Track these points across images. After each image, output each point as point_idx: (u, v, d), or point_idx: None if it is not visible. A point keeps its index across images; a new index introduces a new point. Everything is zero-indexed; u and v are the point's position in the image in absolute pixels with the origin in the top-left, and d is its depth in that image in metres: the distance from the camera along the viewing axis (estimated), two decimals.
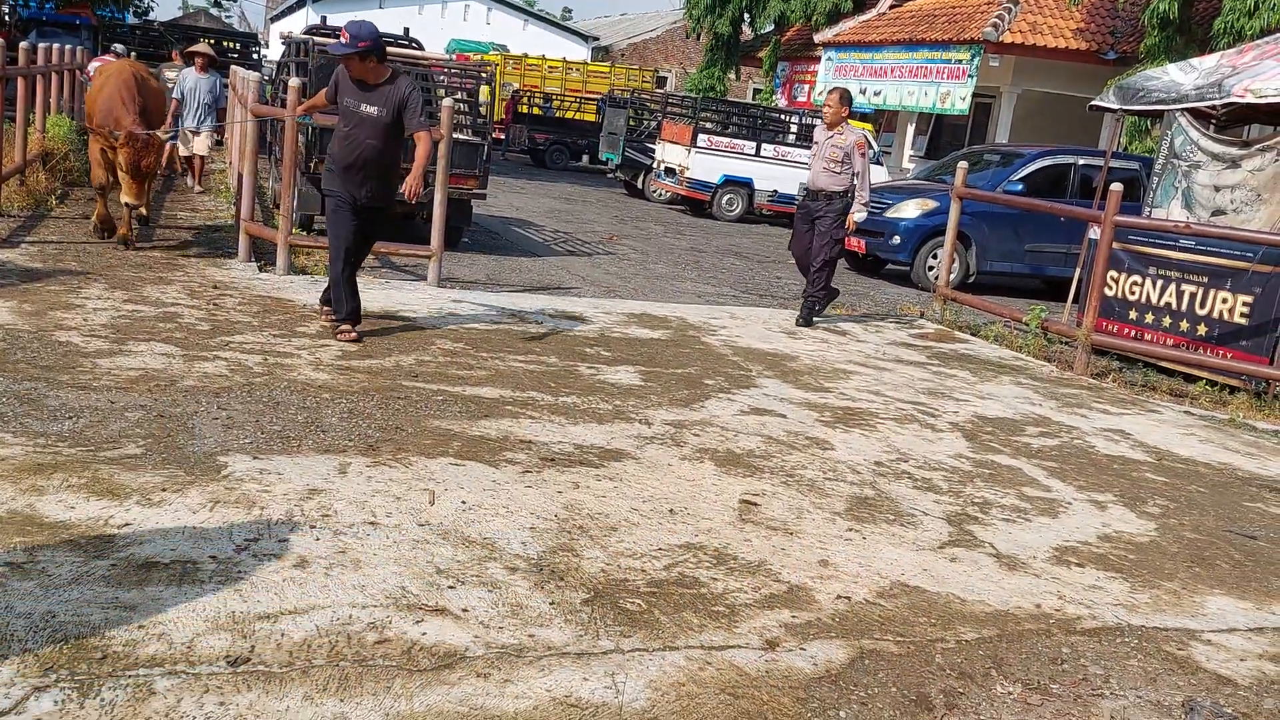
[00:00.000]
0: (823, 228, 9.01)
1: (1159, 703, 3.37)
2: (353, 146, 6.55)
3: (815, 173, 9.11)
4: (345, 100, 6.55)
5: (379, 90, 6.52)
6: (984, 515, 4.88)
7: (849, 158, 8.89)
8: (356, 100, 6.51)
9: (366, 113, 6.50)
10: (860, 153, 8.90)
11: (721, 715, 2.96)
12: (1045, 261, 13.37)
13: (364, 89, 6.52)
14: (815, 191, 9.08)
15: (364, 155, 6.54)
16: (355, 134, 6.54)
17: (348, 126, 6.57)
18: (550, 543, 3.95)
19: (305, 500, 4.02)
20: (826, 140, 9.02)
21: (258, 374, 5.57)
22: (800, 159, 18.64)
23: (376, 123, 6.52)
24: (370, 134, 6.51)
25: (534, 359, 6.66)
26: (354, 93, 6.53)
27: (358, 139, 6.53)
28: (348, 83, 6.56)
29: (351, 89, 6.54)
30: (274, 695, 2.77)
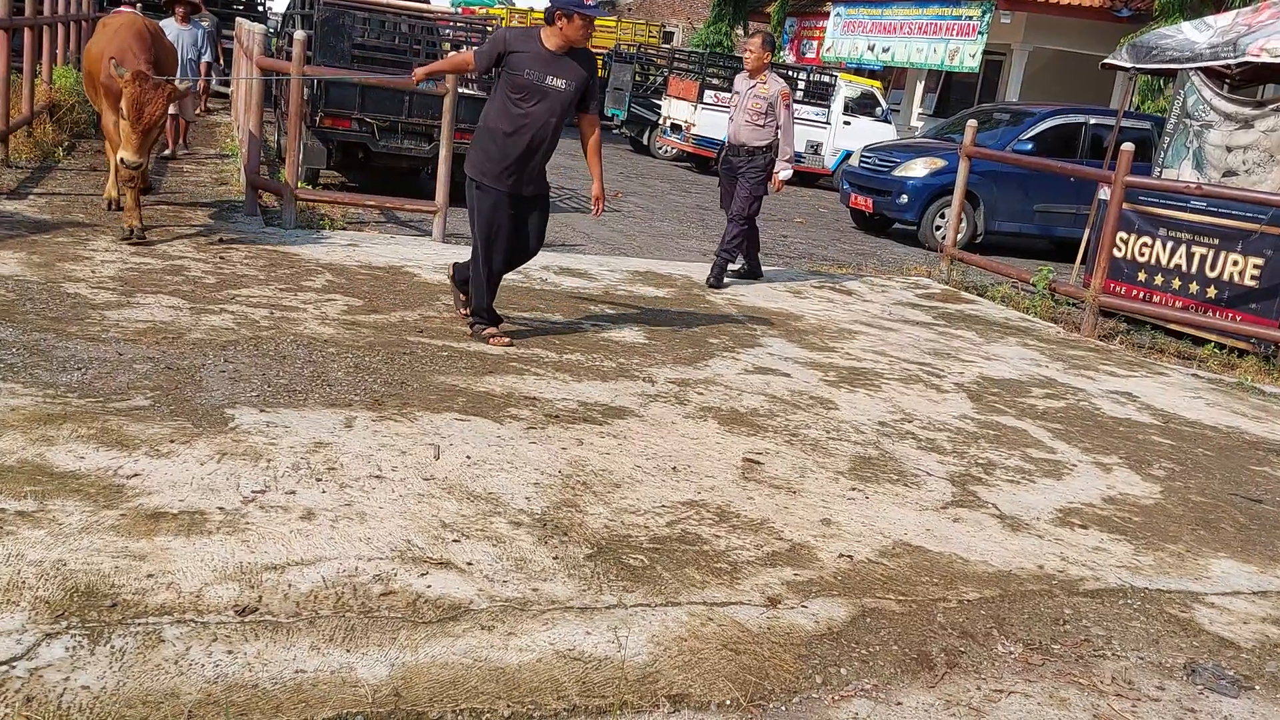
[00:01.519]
0: (743, 184, 8.40)
1: (1161, 664, 3.40)
2: (529, 126, 5.67)
3: (736, 125, 8.47)
4: (526, 72, 5.60)
5: (566, 61, 5.68)
6: (988, 476, 4.89)
7: (772, 109, 8.29)
8: (541, 71, 5.61)
9: (552, 86, 5.64)
10: (785, 104, 8.30)
11: (723, 670, 2.99)
12: (1054, 222, 13.29)
13: (553, 58, 5.64)
14: (736, 146, 8.47)
15: (540, 137, 5.72)
16: (535, 111, 5.65)
17: (526, 103, 5.65)
18: (554, 498, 3.97)
19: (311, 453, 4.04)
20: (748, 90, 8.39)
21: (264, 327, 5.58)
22: (808, 117, 18.53)
23: (561, 99, 5.68)
24: (552, 112, 5.68)
25: (538, 316, 6.65)
26: (540, 62, 5.62)
27: (537, 117, 5.66)
28: (533, 50, 5.64)
29: (537, 58, 5.62)
30: (281, 645, 2.80)
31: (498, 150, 5.69)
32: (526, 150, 5.70)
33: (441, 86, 8.39)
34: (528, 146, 5.70)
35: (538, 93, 5.63)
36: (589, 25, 5.64)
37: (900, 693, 3.03)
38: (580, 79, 5.71)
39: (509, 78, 5.66)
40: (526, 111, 5.65)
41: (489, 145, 5.73)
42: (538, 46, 5.62)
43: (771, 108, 8.25)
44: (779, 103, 8.25)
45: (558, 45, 5.63)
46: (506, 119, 5.68)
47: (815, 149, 18.63)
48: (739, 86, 8.54)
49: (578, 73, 5.70)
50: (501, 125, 5.69)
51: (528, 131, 5.67)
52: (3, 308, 5.27)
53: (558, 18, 5.58)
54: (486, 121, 5.79)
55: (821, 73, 20.09)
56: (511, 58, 5.63)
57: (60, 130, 11.15)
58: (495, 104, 5.77)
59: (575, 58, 5.70)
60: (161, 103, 6.73)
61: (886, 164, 13.64)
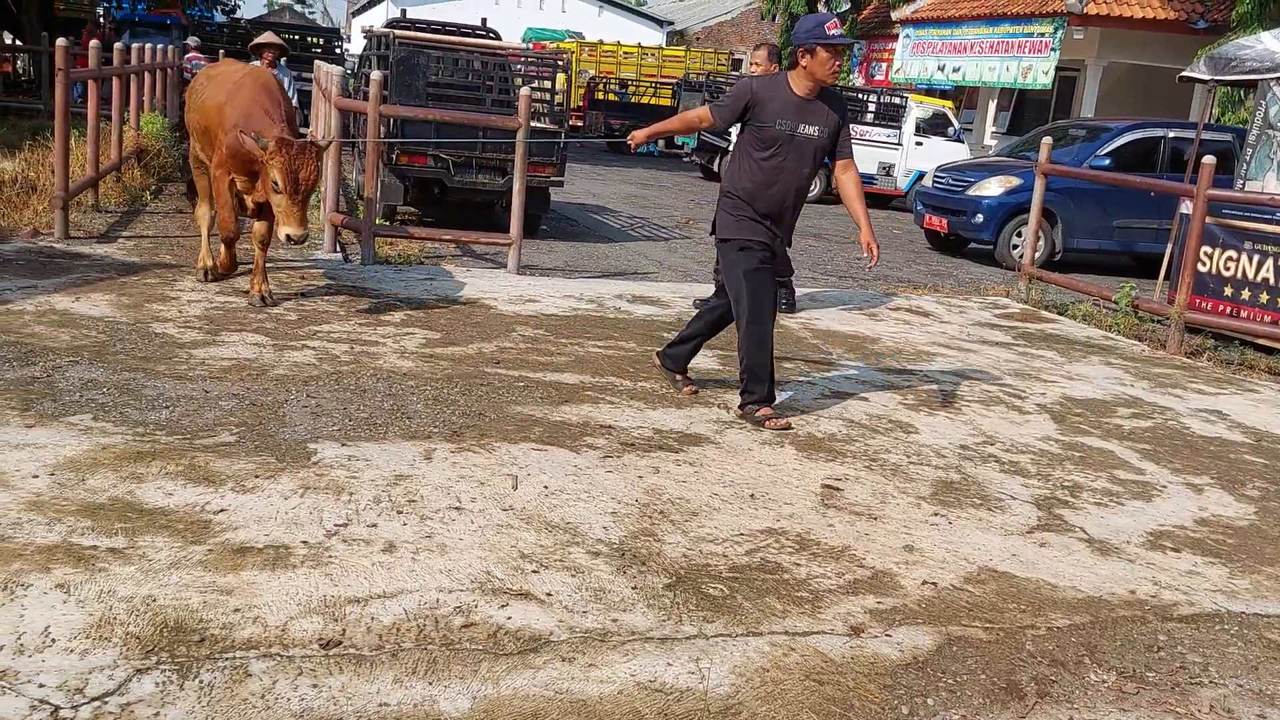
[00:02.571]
0: None
1: (1261, 691, 3.27)
2: (782, 180, 5.20)
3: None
4: (777, 123, 5.13)
5: (816, 105, 5.19)
6: (1074, 499, 4.78)
7: None
8: (793, 120, 5.13)
9: (805, 135, 5.16)
10: None
11: (806, 702, 2.95)
12: (1135, 238, 13.01)
13: (804, 105, 5.16)
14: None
15: (792, 190, 5.24)
16: (787, 165, 5.17)
17: (776, 156, 5.16)
18: (632, 527, 3.97)
19: (392, 486, 4.09)
20: None
21: (345, 362, 5.68)
22: (879, 139, 18.42)
23: (815, 148, 5.22)
24: (804, 162, 5.20)
25: (613, 344, 6.68)
26: (790, 109, 5.13)
27: (790, 170, 5.19)
28: (781, 97, 5.16)
29: (787, 105, 5.14)
30: (364, 678, 2.83)
31: (749, 210, 5.23)
32: (779, 209, 5.25)
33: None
34: (781, 204, 5.24)
35: (789, 144, 5.15)
36: (836, 57, 5.09)
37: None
38: (833, 124, 5.22)
39: (755, 131, 5.20)
40: (778, 166, 5.18)
41: (738, 208, 5.26)
42: (786, 93, 5.15)
43: None
44: None
45: (807, 89, 5.14)
46: (754, 177, 5.21)
47: (887, 170, 18.51)
48: None
49: (829, 118, 5.21)
50: (748, 185, 5.23)
51: (780, 187, 5.20)
52: (94, 348, 5.44)
53: (800, 56, 5.08)
54: (731, 184, 5.31)
55: (892, 94, 19.96)
56: (759, 109, 5.16)
57: (148, 174, 11.52)
58: (739, 163, 5.28)
59: (826, 100, 5.21)
60: (314, 165, 6.23)
61: (960, 183, 13.48)
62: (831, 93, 5.30)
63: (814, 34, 5.06)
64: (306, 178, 6.15)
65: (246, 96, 6.56)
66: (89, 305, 6.28)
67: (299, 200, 6.16)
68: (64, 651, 2.80)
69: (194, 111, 7.24)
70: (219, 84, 6.98)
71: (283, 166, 6.08)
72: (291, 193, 6.11)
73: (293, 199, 6.13)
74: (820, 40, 5.04)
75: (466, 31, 14.46)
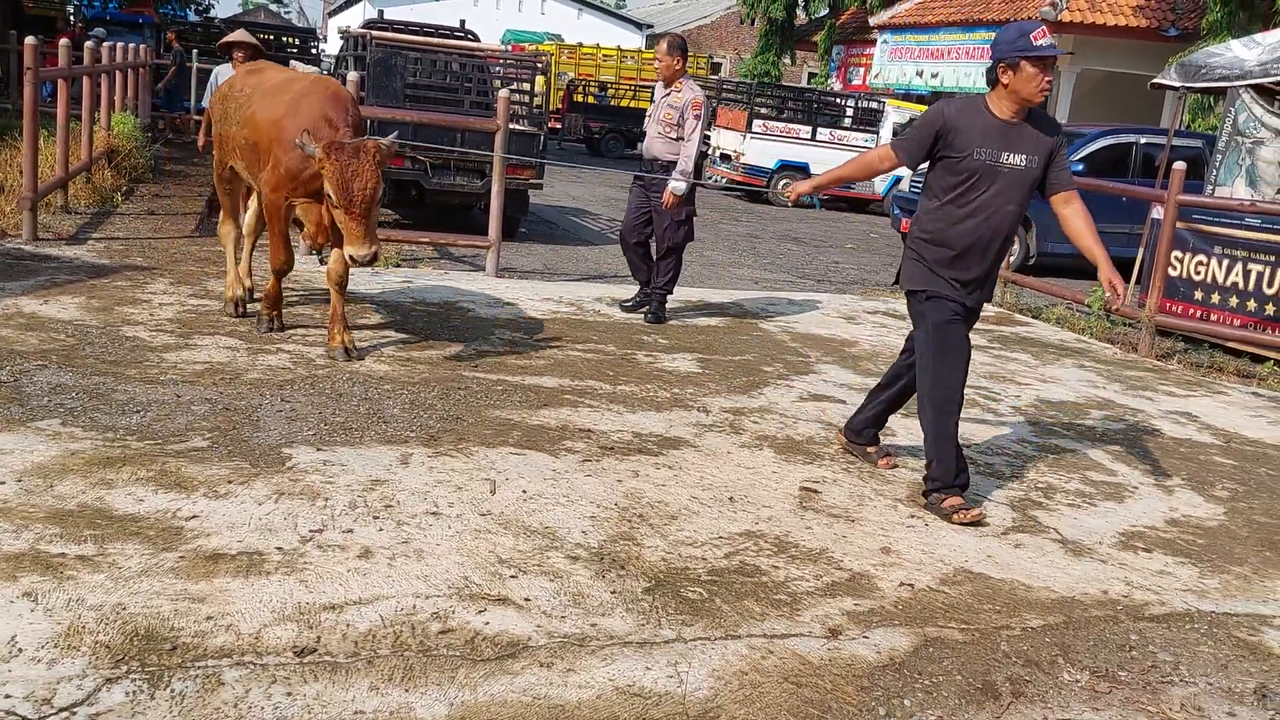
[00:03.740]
0: (667, 214, 7.56)
1: (1231, 690, 3.30)
2: (983, 221, 4.43)
3: (649, 139, 7.70)
4: (976, 152, 4.37)
5: (1023, 129, 4.42)
6: (1048, 500, 4.81)
7: (684, 118, 7.48)
8: (996, 148, 4.37)
9: (1010, 166, 4.39)
10: (694, 112, 7.45)
11: (785, 704, 2.95)
12: (1107, 242, 12.90)
13: (1008, 129, 4.40)
14: (651, 161, 7.66)
15: (999, 232, 4.47)
16: (989, 202, 4.41)
17: (975, 192, 4.41)
18: (611, 531, 3.96)
19: (368, 491, 4.07)
20: (662, 99, 7.61)
21: (320, 366, 5.64)
22: (857, 143, 18.50)
23: (1022, 180, 4.43)
24: (1009, 197, 4.43)
25: (592, 347, 6.67)
26: (990, 136, 4.38)
27: (993, 208, 4.42)
28: (980, 123, 4.39)
29: (988, 132, 4.38)
30: (340, 685, 2.81)
31: (943, 257, 4.49)
32: (982, 252, 4.48)
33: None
34: (982, 250, 4.48)
35: (991, 176, 4.39)
36: (1044, 71, 4.31)
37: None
38: (1045, 150, 4.44)
39: (948, 165, 4.44)
40: (978, 203, 4.42)
41: (931, 253, 4.52)
42: (986, 118, 4.40)
43: (684, 117, 7.50)
44: (689, 111, 7.47)
45: (1011, 111, 4.39)
46: (949, 218, 4.47)
47: None
48: (655, 97, 7.84)
49: (1040, 143, 4.43)
50: (942, 227, 4.49)
51: (980, 229, 4.44)
52: (63, 352, 5.39)
53: (1000, 72, 4.35)
54: (921, 228, 4.58)
55: (870, 99, 20.05)
56: (952, 138, 4.40)
57: (119, 175, 11.42)
58: (929, 202, 4.56)
59: (1034, 123, 4.44)
60: (373, 171, 5.34)
61: None
62: (1040, 114, 4.50)
63: (1017, 46, 4.30)
64: (363, 187, 5.31)
65: (314, 109, 5.75)
66: (58, 308, 6.22)
67: (358, 214, 5.33)
68: (31, 661, 2.76)
69: (236, 124, 6.24)
70: (274, 95, 6.09)
71: (335, 174, 5.29)
72: (346, 205, 5.32)
73: (349, 212, 5.33)
74: (1025, 53, 4.28)
75: (445, 33, 14.40)
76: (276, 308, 6.26)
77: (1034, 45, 4.29)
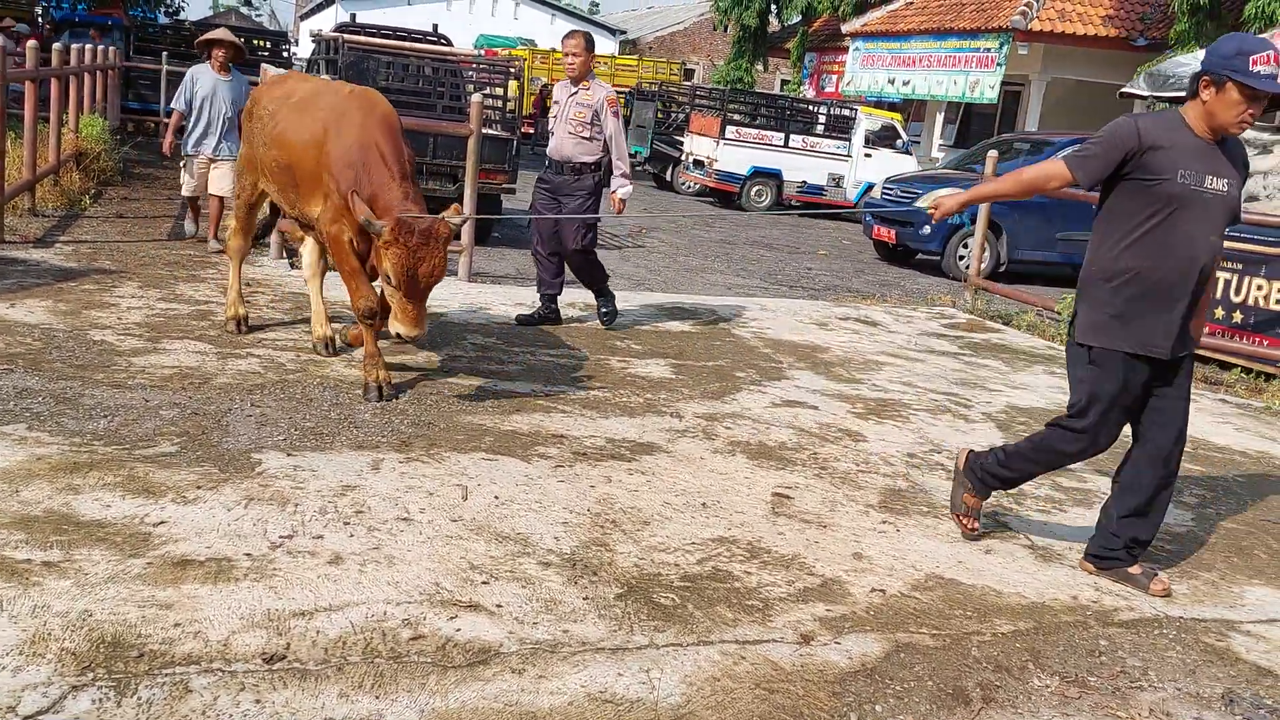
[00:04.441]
0: (573, 209, 7.19)
1: (1198, 695, 3.33)
2: (1185, 255, 3.82)
3: (559, 139, 7.26)
4: (1181, 174, 3.77)
5: (1221, 150, 3.86)
6: (1019, 506, 4.84)
7: (598, 118, 7.14)
8: (1200, 170, 3.78)
9: (1215, 192, 3.80)
10: (612, 110, 7.16)
11: (756, 710, 2.95)
12: (1077, 250, 13.20)
13: (1208, 150, 3.83)
14: (560, 163, 7.24)
15: (1202, 268, 3.86)
16: (1191, 232, 3.80)
17: (1175, 222, 3.81)
18: (583, 537, 3.95)
19: (339, 497, 4.04)
20: (570, 98, 7.23)
21: (291, 370, 5.60)
22: (830, 150, 18.58)
23: (1227, 208, 3.86)
24: (1214, 227, 3.85)
25: (564, 353, 6.66)
26: (1195, 156, 3.80)
27: (1196, 240, 3.81)
28: (1182, 141, 3.81)
29: (1191, 152, 3.80)
30: (309, 693, 2.78)
31: (1135, 300, 3.86)
32: (1183, 292, 3.85)
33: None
34: (1184, 290, 3.85)
35: (1194, 205, 3.78)
36: (1251, 104, 3.70)
37: None
38: (1241, 177, 3.93)
39: (1140, 188, 3.83)
40: (1180, 235, 3.81)
41: (1117, 298, 3.88)
42: (1187, 135, 3.82)
43: (597, 116, 7.14)
44: (605, 110, 7.14)
45: (1210, 130, 3.82)
46: (1145, 253, 3.84)
47: (837, 181, 18.67)
48: (558, 95, 7.41)
49: (1238, 167, 3.91)
50: (1135, 264, 3.86)
51: (1184, 264, 3.82)
52: (29, 356, 5.32)
53: (1202, 86, 3.80)
54: (1101, 266, 3.94)
55: (842, 106, 20.16)
56: (1148, 157, 3.80)
57: (87, 178, 11.30)
58: (1111, 233, 3.93)
59: (1229, 144, 3.91)
60: (442, 256, 4.88)
61: (909, 195, 13.63)
62: (1230, 139, 3.91)
63: (1230, 65, 3.69)
64: (429, 273, 4.83)
65: (359, 133, 5.15)
66: (24, 311, 6.14)
67: (417, 300, 4.88)
68: None
69: (263, 145, 5.70)
70: (304, 110, 5.49)
71: (400, 261, 4.75)
72: (408, 292, 4.81)
73: (409, 298, 4.84)
74: (1236, 75, 3.68)
75: (417, 37, 14.37)
76: (380, 364, 5.32)
77: (1249, 70, 3.66)
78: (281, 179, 5.64)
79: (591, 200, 7.26)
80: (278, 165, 5.60)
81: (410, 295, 4.84)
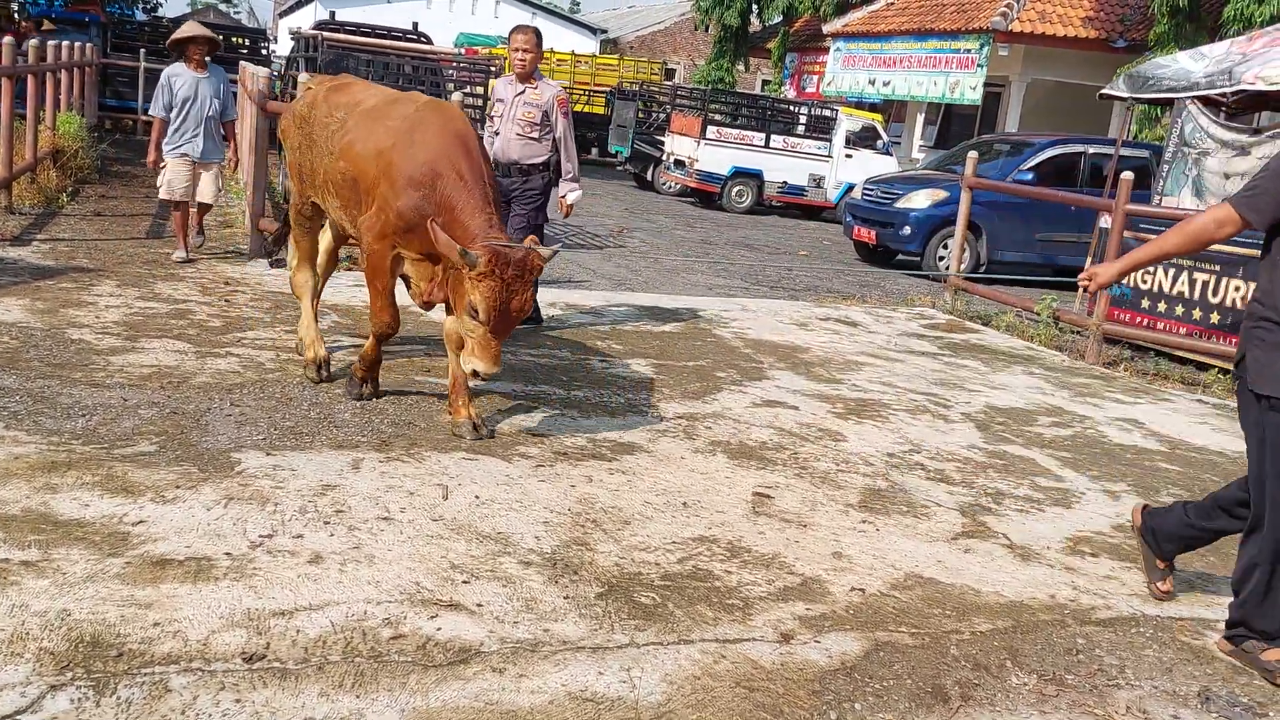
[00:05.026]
0: (519, 212, 6.87)
1: (1175, 692, 3.36)
2: None
3: (505, 141, 6.89)
4: None
5: None
6: (997, 506, 4.87)
7: (548, 119, 6.86)
8: None
9: None
10: (562, 111, 6.89)
11: (736, 709, 2.96)
12: (1056, 251, 13.32)
13: None
14: (506, 165, 6.86)
15: None
16: None
17: None
18: (564, 537, 3.95)
19: (319, 496, 4.03)
20: (517, 98, 6.87)
21: (270, 370, 5.58)
22: (810, 151, 18.62)
23: None
24: None
25: (545, 353, 6.65)
26: None
27: None
28: None
29: None
30: (290, 692, 2.78)
31: None
32: None
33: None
34: None
35: None
36: None
37: None
38: None
39: None
40: None
41: None
42: None
43: (546, 117, 6.86)
44: (555, 110, 6.87)
45: None
46: None
47: (818, 182, 18.71)
48: (502, 93, 7.02)
49: None
50: None
51: None
52: (7, 355, 5.28)
53: None
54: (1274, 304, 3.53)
55: (823, 107, 20.20)
56: None
57: (64, 176, 11.22)
58: None
59: None
60: (531, 290, 4.66)
61: (889, 196, 13.68)
62: None
63: None
64: (519, 307, 4.60)
65: (434, 148, 4.82)
66: (1, 310, 6.10)
67: (501, 335, 4.64)
68: None
69: (327, 155, 5.27)
70: (375, 119, 5.13)
71: (493, 295, 4.47)
72: (495, 326, 4.56)
73: (494, 333, 4.58)
74: None
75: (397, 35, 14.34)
76: (374, 371, 5.30)
77: None
78: (347, 194, 5.19)
79: (542, 202, 7.00)
80: (344, 178, 5.16)
81: (498, 330, 4.57)
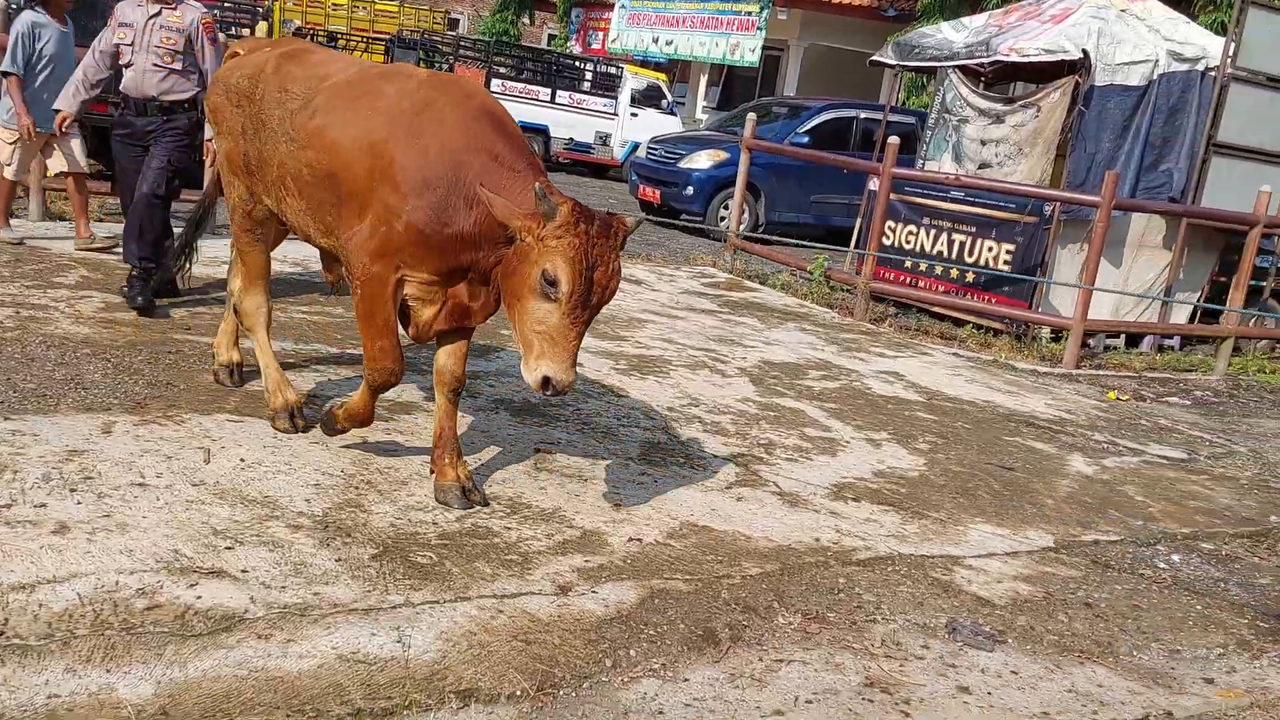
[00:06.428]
0: (160, 152, 5.88)
1: (925, 625, 3.59)
2: None
3: (139, 73, 5.86)
4: None
5: None
6: (769, 455, 5.05)
7: (191, 46, 5.90)
8: None
9: None
10: (209, 36, 5.96)
11: (513, 661, 2.97)
12: (829, 212, 13.85)
13: None
14: (143, 102, 5.91)
15: None
16: None
17: None
18: (336, 499, 3.84)
19: (65, 462, 3.76)
20: (151, 20, 5.83)
21: (9, 329, 5.16)
22: (596, 108, 18.64)
23: None
24: None
25: (317, 309, 6.43)
26: None
27: None
28: None
29: None
30: (31, 669, 2.60)
31: None
32: None
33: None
34: None
35: None
36: None
37: (687, 669, 3.08)
38: None
39: None
40: None
41: None
42: None
43: (190, 44, 5.90)
44: (201, 36, 5.92)
45: None
46: None
47: (604, 140, 18.78)
48: (130, 17, 5.86)
49: None
50: None
51: None
52: None
53: None
54: None
55: (608, 64, 20.25)
56: None
57: None
58: None
59: None
60: (618, 263, 3.65)
61: (672, 156, 13.87)
62: None
63: None
64: (605, 280, 3.56)
65: (451, 133, 3.74)
66: None
67: (585, 321, 3.58)
68: None
69: (285, 140, 4.07)
70: (356, 97, 3.95)
71: (576, 255, 3.46)
72: (581, 303, 3.50)
73: (574, 316, 3.52)
74: None
75: None
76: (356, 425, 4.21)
77: None
78: (318, 193, 4.00)
79: (186, 142, 6.01)
80: (314, 173, 3.97)
81: (577, 314, 3.52)
